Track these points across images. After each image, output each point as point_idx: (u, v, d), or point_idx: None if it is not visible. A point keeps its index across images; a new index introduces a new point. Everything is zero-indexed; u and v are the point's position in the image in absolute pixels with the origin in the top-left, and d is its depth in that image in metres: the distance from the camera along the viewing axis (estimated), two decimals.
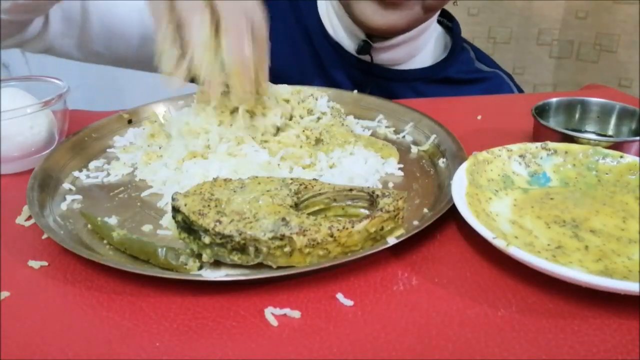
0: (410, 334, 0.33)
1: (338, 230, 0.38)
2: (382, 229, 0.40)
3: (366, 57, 0.82)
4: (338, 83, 0.84)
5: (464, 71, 0.88)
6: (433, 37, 0.88)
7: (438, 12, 0.84)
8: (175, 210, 0.40)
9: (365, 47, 0.80)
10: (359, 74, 0.84)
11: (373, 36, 0.80)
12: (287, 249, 0.37)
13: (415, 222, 0.43)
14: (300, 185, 0.43)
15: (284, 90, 0.60)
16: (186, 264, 0.38)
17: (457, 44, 0.88)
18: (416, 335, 0.33)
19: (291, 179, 0.44)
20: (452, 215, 0.44)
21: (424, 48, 0.86)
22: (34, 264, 0.40)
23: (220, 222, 0.38)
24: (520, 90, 0.92)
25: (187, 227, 0.39)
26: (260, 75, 0.50)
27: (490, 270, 0.39)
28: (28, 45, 0.71)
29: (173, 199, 0.41)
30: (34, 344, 0.33)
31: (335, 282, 0.38)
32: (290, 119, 0.57)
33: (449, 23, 0.91)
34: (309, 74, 0.84)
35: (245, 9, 0.47)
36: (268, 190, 0.42)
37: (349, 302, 0.36)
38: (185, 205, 0.40)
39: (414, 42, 0.83)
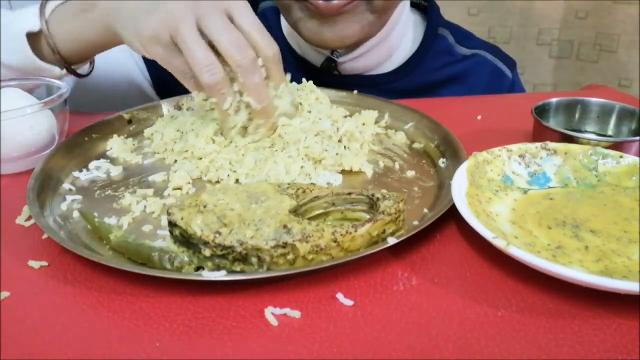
0: (410, 334, 0.33)
1: (341, 235, 0.38)
2: (383, 231, 0.40)
3: (335, 72, 0.78)
4: None
5: (439, 66, 0.81)
6: (409, 29, 0.80)
7: (395, 15, 0.75)
8: (172, 224, 0.40)
9: (328, 65, 0.76)
10: (331, 87, 0.76)
11: (335, 50, 0.75)
12: (290, 257, 0.37)
13: (415, 222, 0.43)
14: (298, 189, 0.43)
15: (292, 87, 0.61)
16: (182, 268, 0.38)
17: (429, 33, 0.80)
18: (416, 335, 0.33)
19: (288, 183, 0.44)
20: (452, 215, 0.44)
21: (399, 46, 0.79)
22: (34, 264, 0.40)
23: (219, 233, 0.37)
24: (511, 63, 0.85)
25: (186, 240, 0.39)
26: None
27: (490, 270, 0.39)
28: None
29: (169, 214, 0.40)
30: (34, 344, 0.33)
31: (335, 282, 0.38)
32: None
33: (424, 2, 0.83)
34: None
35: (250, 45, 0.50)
36: (267, 197, 0.41)
37: (349, 302, 0.36)
38: (182, 218, 0.39)
39: (384, 43, 0.76)
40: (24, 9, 0.61)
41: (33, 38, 0.60)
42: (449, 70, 0.81)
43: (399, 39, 0.79)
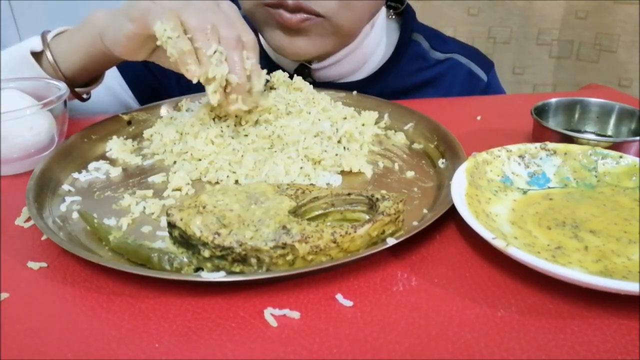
0: (410, 335, 0.33)
1: (341, 235, 0.38)
2: (383, 232, 0.40)
3: (308, 79, 0.76)
4: None
5: (412, 72, 0.81)
6: (383, 36, 0.80)
7: (368, 25, 0.74)
8: (171, 225, 0.40)
9: (302, 71, 0.76)
10: None
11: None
12: (289, 257, 0.37)
13: (415, 223, 0.43)
14: (298, 190, 0.43)
15: (280, 74, 0.63)
16: (181, 269, 0.38)
17: (403, 39, 0.80)
18: (416, 336, 0.33)
19: (287, 184, 0.44)
20: (451, 215, 0.44)
21: (373, 52, 0.79)
22: (33, 265, 0.40)
23: (219, 234, 0.37)
24: (487, 65, 0.85)
25: (185, 241, 0.39)
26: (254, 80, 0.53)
27: (490, 270, 0.39)
28: None
29: (168, 215, 0.40)
30: (34, 344, 0.33)
31: (334, 283, 0.38)
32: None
33: (400, 6, 0.82)
34: None
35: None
36: (266, 198, 0.41)
37: (348, 303, 0.36)
38: (181, 219, 0.39)
39: (358, 52, 0.76)
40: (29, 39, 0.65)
41: (37, 60, 0.63)
42: (423, 76, 0.82)
43: (373, 47, 0.78)
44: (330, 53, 0.73)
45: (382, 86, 0.79)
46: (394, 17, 0.84)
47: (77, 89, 0.66)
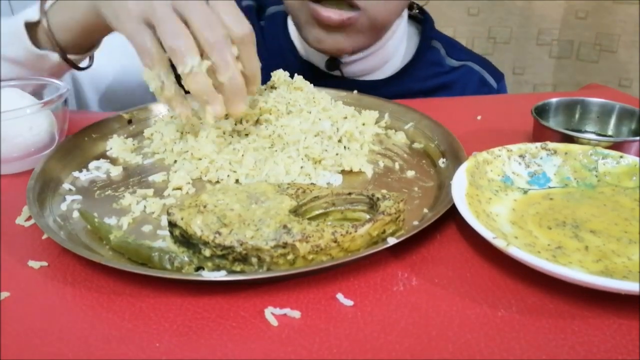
0: (410, 334, 0.33)
1: (341, 235, 0.38)
2: (383, 232, 0.40)
3: (336, 72, 0.82)
4: None
5: (429, 76, 0.86)
6: (404, 40, 0.86)
7: (393, 26, 0.80)
8: (172, 225, 0.40)
9: (333, 63, 0.81)
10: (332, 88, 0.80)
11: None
12: (290, 257, 0.37)
13: (415, 223, 0.43)
14: (298, 189, 0.43)
15: (281, 73, 0.65)
16: (182, 268, 0.38)
17: (423, 45, 0.86)
18: (416, 336, 0.33)
19: (288, 184, 0.44)
20: (452, 215, 0.44)
21: (395, 53, 0.85)
22: (34, 264, 0.40)
23: (219, 233, 0.37)
24: (499, 75, 0.89)
25: (186, 240, 0.39)
26: (251, 83, 0.52)
27: (490, 270, 0.39)
28: None
29: (169, 214, 0.40)
30: (34, 344, 0.33)
31: (335, 282, 0.38)
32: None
33: (420, 15, 0.88)
34: None
35: (222, 24, 0.49)
36: (267, 198, 0.41)
37: (349, 303, 0.36)
38: (182, 219, 0.39)
39: (381, 51, 0.82)
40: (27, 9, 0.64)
41: (33, 30, 0.62)
42: (438, 80, 0.87)
43: (394, 48, 0.84)
44: (365, 47, 0.78)
45: (401, 87, 0.84)
46: (417, 11, 0.89)
47: (72, 57, 0.64)
